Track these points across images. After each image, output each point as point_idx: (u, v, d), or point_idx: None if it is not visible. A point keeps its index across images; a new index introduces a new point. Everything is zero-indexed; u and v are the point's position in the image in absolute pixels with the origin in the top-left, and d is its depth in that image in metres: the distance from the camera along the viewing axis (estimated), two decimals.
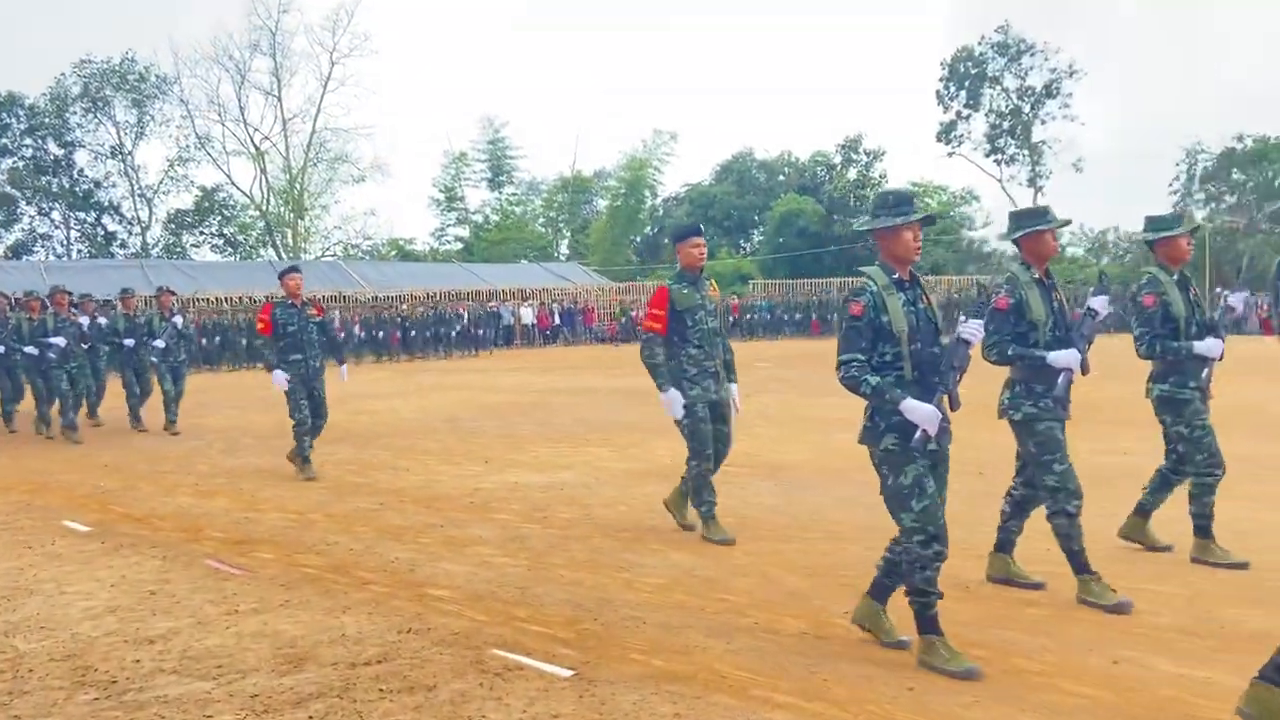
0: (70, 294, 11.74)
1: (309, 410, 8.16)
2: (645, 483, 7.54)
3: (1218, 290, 32.45)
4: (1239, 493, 6.51)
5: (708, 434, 5.67)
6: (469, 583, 4.86)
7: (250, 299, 29.97)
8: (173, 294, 12.23)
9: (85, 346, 11.47)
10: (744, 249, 49.34)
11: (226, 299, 29.18)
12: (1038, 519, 4.72)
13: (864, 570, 4.84)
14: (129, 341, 11.89)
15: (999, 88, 47.92)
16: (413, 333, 27.72)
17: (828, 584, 4.64)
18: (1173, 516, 5.43)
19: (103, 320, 12.13)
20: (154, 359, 11.55)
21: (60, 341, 10.99)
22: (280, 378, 8.04)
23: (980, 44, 47.41)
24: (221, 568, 5.29)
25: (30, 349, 11.19)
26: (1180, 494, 5.32)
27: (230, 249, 47.70)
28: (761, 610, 4.27)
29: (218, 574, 5.18)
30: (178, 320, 11.63)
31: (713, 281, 5.90)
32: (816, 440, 9.56)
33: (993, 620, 4.06)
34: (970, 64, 47.50)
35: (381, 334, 27.60)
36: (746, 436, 9.79)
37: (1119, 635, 3.87)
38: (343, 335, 26.66)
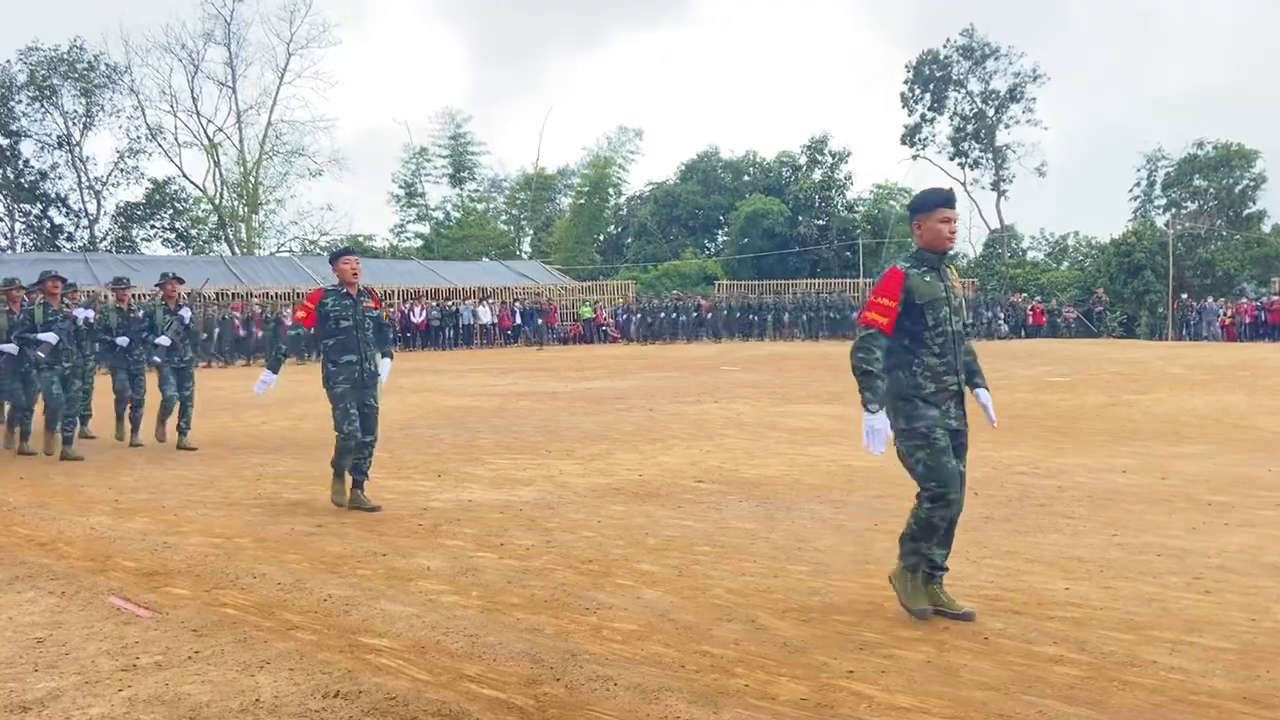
0: (63, 280, 9.78)
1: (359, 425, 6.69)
2: (611, 501, 6.91)
3: (1183, 297, 32.44)
4: (1260, 519, 6.02)
5: (953, 471, 4.10)
6: (411, 629, 4.20)
7: (200, 295, 28.93)
8: (180, 281, 10.34)
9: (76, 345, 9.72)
10: (709, 249, 48.87)
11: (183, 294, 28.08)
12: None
13: (862, 615, 4.27)
14: (123, 340, 10.15)
15: (963, 91, 47.88)
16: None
17: (825, 633, 4.04)
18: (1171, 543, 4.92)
19: (91, 314, 10.36)
20: (157, 359, 9.85)
21: (51, 338, 9.19)
22: (267, 382, 6.58)
23: (945, 47, 47.37)
24: (126, 607, 4.59)
25: (9, 346, 9.37)
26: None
27: (182, 243, 46.35)
28: (752, 668, 3.66)
29: (120, 615, 4.48)
30: (185, 313, 9.94)
31: (953, 267, 4.40)
32: (792, 452, 9.00)
33: (1020, 682, 3.49)
34: (935, 67, 47.43)
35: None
36: (720, 449, 9.22)
37: (1173, 704, 3.30)
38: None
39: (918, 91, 47.83)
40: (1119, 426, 10.21)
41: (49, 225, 44.36)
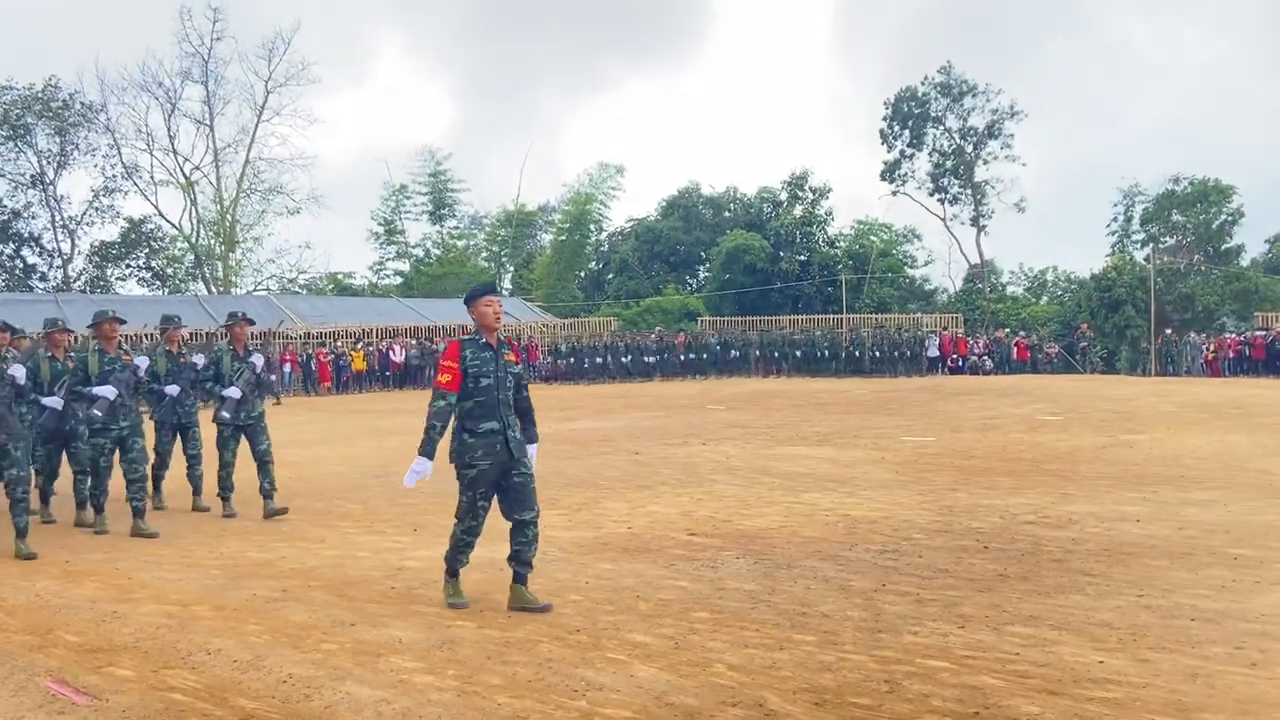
0: (122, 321, 8.13)
1: (507, 507, 5.36)
2: (599, 558, 6.48)
3: (1167, 332, 32.37)
4: None
5: None
6: (379, 718, 3.76)
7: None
8: (251, 323, 8.95)
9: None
10: (690, 285, 48.68)
11: (149, 335, 27.56)
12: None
13: (881, 696, 3.85)
14: (173, 389, 8.75)
15: (941, 128, 48.09)
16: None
17: (841, 719, 3.62)
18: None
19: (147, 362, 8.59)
20: (224, 415, 8.32)
21: (109, 393, 7.66)
22: (421, 472, 5.19)
23: (923, 84, 47.64)
24: (62, 693, 4.12)
25: (52, 401, 7.86)
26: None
27: (158, 282, 45.77)
28: None
29: (55, 703, 4.01)
30: (257, 360, 8.54)
31: None
32: (787, 500, 8.60)
33: None
34: (913, 104, 47.64)
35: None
36: (711, 497, 8.81)
37: None
38: (274, 376, 25.04)
39: (896, 128, 48.01)
40: (1122, 469, 9.87)
41: (21, 265, 43.70)
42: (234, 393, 8.31)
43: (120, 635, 4.96)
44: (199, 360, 9.14)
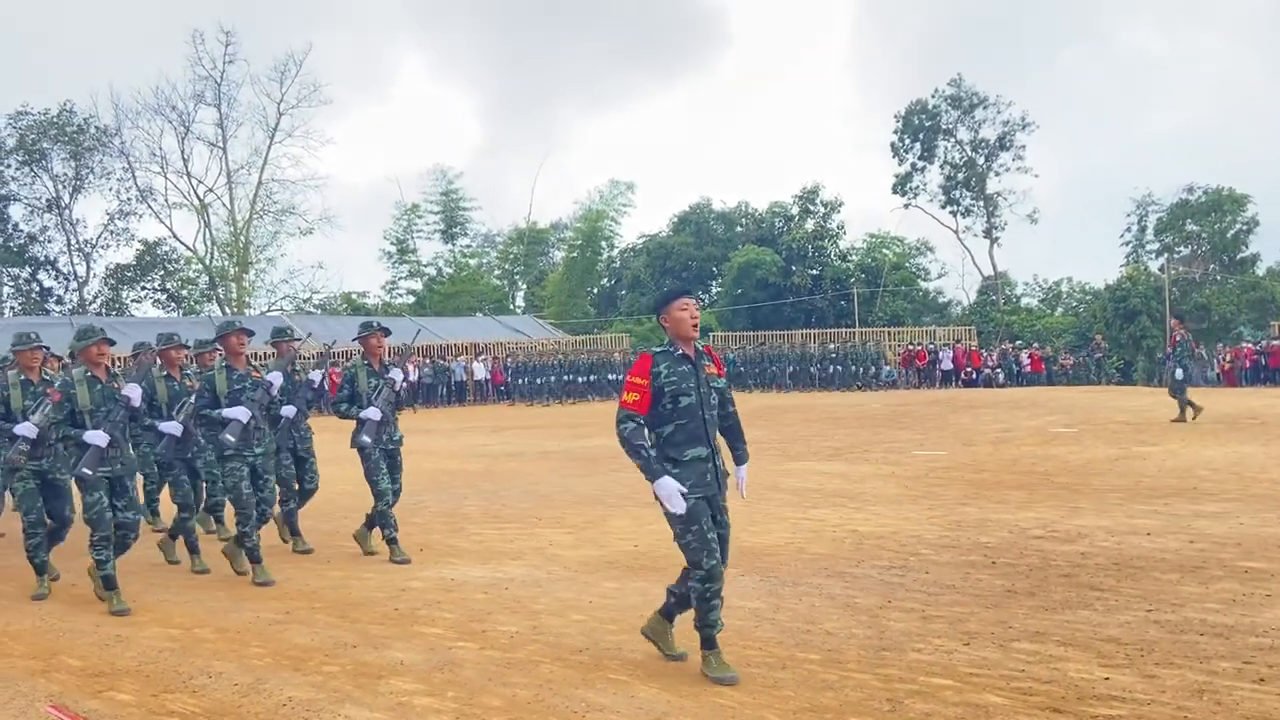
0: (251, 333, 7.20)
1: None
2: (604, 577, 6.45)
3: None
4: None
5: None
6: None
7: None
8: (387, 333, 7.73)
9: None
10: (703, 300, 48.70)
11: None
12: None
13: (881, 714, 3.81)
14: (289, 410, 7.64)
15: (953, 140, 48.02)
16: None
17: None
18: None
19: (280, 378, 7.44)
20: (365, 439, 7.25)
21: (242, 415, 6.72)
22: (672, 489, 4.30)
23: (934, 97, 47.61)
24: (62, 718, 4.12)
25: (170, 426, 7.12)
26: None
27: (174, 304, 46.09)
28: None
29: None
30: (397, 375, 7.54)
31: None
32: (794, 516, 8.55)
33: None
34: (924, 116, 47.61)
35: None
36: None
37: None
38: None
39: (907, 141, 47.98)
40: (1134, 482, 9.78)
41: (38, 288, 44.12)
42: (374, 413, 7.29)
43: (123, 659, 4.97)
44: (315, 378, 8.37)
